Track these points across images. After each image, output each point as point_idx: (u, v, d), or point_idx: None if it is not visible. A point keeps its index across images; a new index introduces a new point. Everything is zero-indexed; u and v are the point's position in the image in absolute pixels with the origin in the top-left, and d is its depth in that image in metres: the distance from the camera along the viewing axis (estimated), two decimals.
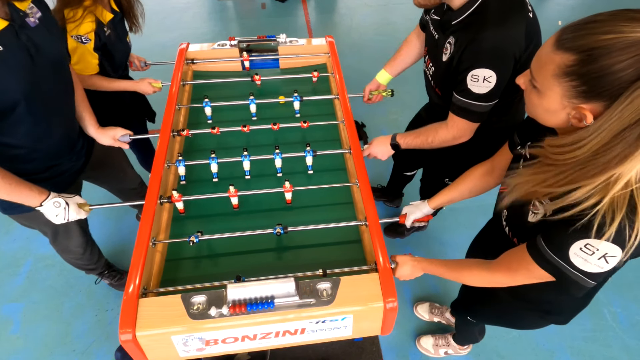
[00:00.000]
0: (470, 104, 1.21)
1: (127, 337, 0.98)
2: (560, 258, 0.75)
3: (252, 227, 1.26)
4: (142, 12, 1.74)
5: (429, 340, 1.84)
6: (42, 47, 1.14)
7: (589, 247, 0.70)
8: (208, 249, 1.27)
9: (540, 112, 0.76)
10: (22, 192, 1.15)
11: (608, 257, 0.70)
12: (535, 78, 0.71)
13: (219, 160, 1.41)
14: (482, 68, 1.12)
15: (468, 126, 1.28)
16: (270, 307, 1.01)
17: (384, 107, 3.10)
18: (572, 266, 0.75)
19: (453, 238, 2.21)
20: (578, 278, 0.76)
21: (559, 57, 0.65)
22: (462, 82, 1.18)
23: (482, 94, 1.17)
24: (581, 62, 0.63)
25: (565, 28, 0.66)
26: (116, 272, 2.02)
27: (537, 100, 0.74)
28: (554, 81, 0.67)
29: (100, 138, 1.47)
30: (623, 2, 4.57)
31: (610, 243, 0.68)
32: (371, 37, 3.98)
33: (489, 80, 1.13)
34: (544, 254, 0.78)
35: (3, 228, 2.29)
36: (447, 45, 1.25)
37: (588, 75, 0.62)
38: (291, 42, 1.90)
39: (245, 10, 4.47)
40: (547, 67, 0.68)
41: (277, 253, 1.27)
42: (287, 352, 1.79)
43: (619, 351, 1.87)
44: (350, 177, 1.47)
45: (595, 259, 0.71)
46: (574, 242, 0.72)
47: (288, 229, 1.23)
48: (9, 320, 1.94)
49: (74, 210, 1.24)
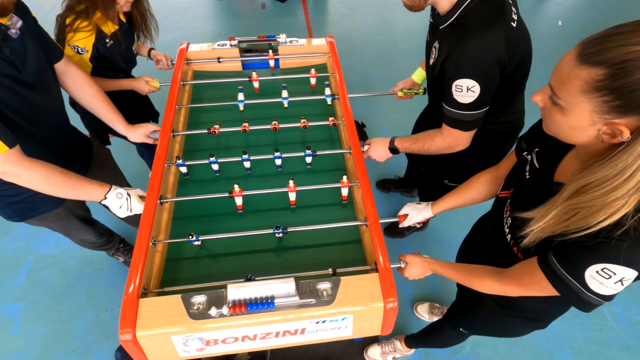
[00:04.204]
0: (460, 114, 1.21)
1: (127, 337, 0.98)
2: (576, 279, 0.73)
3: (252, 227, 1.26)
4: (156, 26, 1.77)
5: (376, 350, 1.82)
6: (27, 56, 1.13)
7: (606, 271, 0.69)
8: (208, 249, 1.27)
9: (564, 130, 0.72)
10: (86, 187, 1.18)
11: (625, 281, 0.69)
12: (558, 95, 0.68)
13: (219, 160, 1.41)
14: (464, 78, 1.13)
15: (462, 135, 1.29)
16: (271, 307, 1.01)
17: (384, 107, 3.10)
18: (587, 289, 0.73)
19: (453, 238, 2.21)
20: (592, 299, 0.74)
21: (585, 72, 0.62)
22: (448, 93, 1.19)
23: (469, 104, 1.17)
24: (613, 76, 0.60)
25: (588, 41, 0.63)
26: (130, 247, 2.06)
27: (561, 118, 0.70)
28: (582, 97, 0.64)
29: (131, 135, 1.49)
30: (623, 2, 4.57)
31: (627, 267, 0.67)
32: (371, 37, 3.98)
33: (473, 90, 1.14)
34: (557, 273, 0.76)
35: (3, 228, 2.29)
36: (433, 49, 1.26)
37: (622, 89, 0.59)
38: (291, 42, 1.90)
39: (245, 10, 4.47)
40: (572, 83, 0.64)
41: (277, 253, 1.27)
42: (287, 352, 1.79)
43: (619, 351, 1.87)
44: (351, 177, 1.47)
45: (611, 283, 0.70)
46: (591, 265, 0.70)
47: (288, 229, 1.23)
48: (9, 320, 1.94)
49: (137, 201, 1.26)
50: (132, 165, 1.93)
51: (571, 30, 4.09)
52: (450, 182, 1.69)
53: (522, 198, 0.95)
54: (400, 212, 1.38)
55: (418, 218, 1.34)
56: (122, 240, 2.07)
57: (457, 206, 1.27)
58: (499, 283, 0.94)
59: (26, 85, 1.13)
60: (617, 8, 4.48)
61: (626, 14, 4.36)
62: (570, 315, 1.13)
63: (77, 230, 1.63)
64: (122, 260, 2.10)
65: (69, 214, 1.53)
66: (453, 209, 1.28)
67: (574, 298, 0.77)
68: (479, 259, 1.16)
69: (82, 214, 1.62)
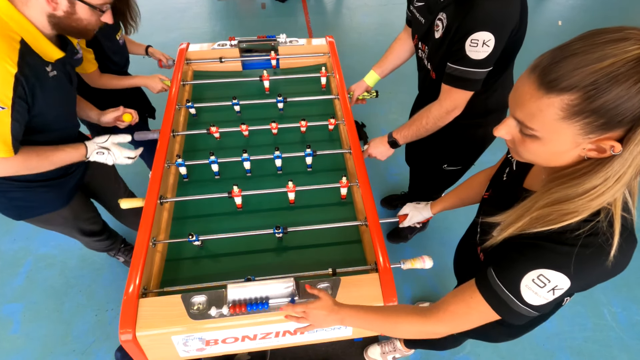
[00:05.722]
0: (468, 72, 1.19)
1: (127, 337, 0.98)
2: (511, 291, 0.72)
3: (252, 227, 1.26)
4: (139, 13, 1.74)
5: (376, 350, 1.82)
6: (73, 75, 1.29)
7: (542, 278, 0.68)
8: (208, 249, 1.27)
9: (544, 157, 0.69)
10: (62, 157, 1.26)
11: (557, 290, 0.68)
12: (531, 127, 0.65)
13: (219, 160, 1.41)
14: (482, 31, 1.11)
15: (463, 96, 1.26)
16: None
17: (384, 107, 3.10)
18: (521, 300, 0.71)
19: (454, 238, 2.20)
20: (523, 310, 0.72)
21: (558, 100, 0.60)
22: (459, 50, 1.17)
23: (480, 60, 1.16)
24: (589, 98, 0.58)
25: (544, 68, 0.61)
26: (130, 248, 2.07)
27: (539, 147, 0.67)
28: (561, 124, 0.62)
29: (104, 118, 1.51)
30: (623, 2, 4.57)
31: (562, 275, 0.66)
32: (371, 37, 3.98)
33: (488, 44, 1.12)
34: (493, 287, 0.74)
35: (3, 228, 2.29)
36: (438, 22, 1.24)
37: (603, 108, 0.58)
38: (291, 42, 1.90)
39: (245, 10, 4.47)
40: (545, 113, 0.62)
41: (277, 253, 1.27)
42: (287, 352, 1.79)
43: (619, 351, 1.87)
44: (351, 177, 1.47)
45: (544, 292, 0.69)
46: (529, 271, 0.69)
47: (288, 229, 1.23)
48: (9, 320, 1.94)
49: (117, 150, 1.35)
50: (131, 166, 1.91)
51: (571, 30, 4.09)
52: (449, 167, 1.68)
53: (493, 201, 0.95)
54: (399, 212, 1.38)
55: (418, 218, 1.33)
56: (123, 240, 2.07)
57: (456, 206, 1.27)
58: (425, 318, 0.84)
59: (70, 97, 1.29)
60: (617, 8, 4.48)
61: (625, 14, 4.36)
62: (570, 315, 1.13)
63: (83, 233, 1.65)
64: (122, 260, 2.10)
65: (76, 217, 1.55)
66: (452, 208, 1.28)
67: (506, 310, 0.74)
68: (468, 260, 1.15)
69: (88, 216, 1.63)
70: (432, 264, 1.19)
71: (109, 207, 1.83)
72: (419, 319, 0.85)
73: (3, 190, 1.30)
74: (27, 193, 1.33)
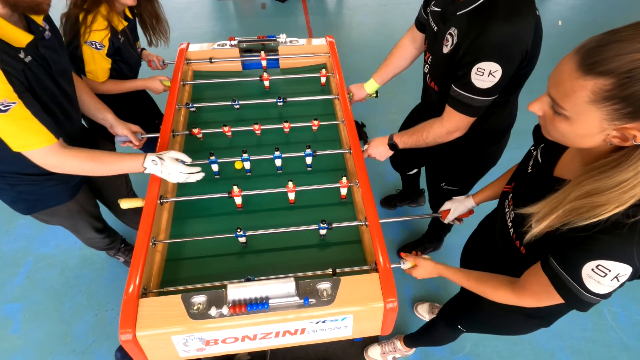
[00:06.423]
0: (472, 99, 1.18)
1: (127, 337, 0.98)
2: (574, 280, 0.74)
3: (252, 227, 1.26)
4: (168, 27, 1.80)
5: (376, 350, 1.82)
6: (56, 57, 1.20)
7: (601, 268, 0.70)
8: (208, 249, 1.27)
9: (570, 137, 0.72)
10: (119, 164, 1.23)
11: (620, 277, 0.70)
12: (562, 106, 0.67)
13: (219, 160, 1.41)
14: (489, 61, 1.09)
15: (464, 121, 1.26)
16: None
17: (384, 107, 3.10)
18: (585, 289, 0.74)
19: (454, 238, 2.21)
20: (590, 299, 0.75)
21: (592, 83, 0.62)
22: (465, 76, 1.15)
23: (485, 89, 1.14)
24: (622, 85, 0.60)
25: (587, 50, 0.63)
26: (130, 247, 2.07)
27: (567, 127, 0.70)
28: (590, 107, 0.64)
29: (118, 127, 1.51)
30: (622, 2, 4.57)
31: (621, 263, 0.68)
32: (371, 37, 3.98)
33: (494, 74, 1.10)
34: (559, 275, 0.77)
35: (3, 228, 2.29)
36: (448, 37, 1.21)
37: (633, 97, 0.60)
38: (291, 42, 1.90)
39: (245, 10, 4.47)
40: (577, 94, 0.64)
41: (277, 253, 1.27)
42: (287, 352, 1.79)
43: (619, 351, 1.87)
44: (351, 177, 1.47)
45: (608, 280, 0.71)
46: (586, 262, 0.71)
47: (287, 229, 1.23)
48: (9, 320, 1.94)
49: (171, 163, 1.25)
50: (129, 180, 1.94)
51: (571, 30, 4.09)
52: (447, 186, 1.68)
53: (522, 193, 0.95)
54: (442, 208, 1.38)
55: (461, 209, 1.33)
56: (123, 240, 2.07)
57: (498, 195, 1.23)
58: (513, 294, 0.92)
59: (55, 83, 1.21)
60: (617, 8, 4.48)
61: (625, 14, 4.35)
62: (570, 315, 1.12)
63: (86, 227, 1.65)
64: (122, 260, 2.10)
65: (81, 210, 1.55)
66: (495, 199, 1.25)
67: (574, 300, 0.77)
68: (484, 256, 1.15)
69: (93, 210, 1.64)
70: None
71: (110, 203, 1.83)
72: (509, 294, 0.93)
73: (12, 184, 1.31)
74: (35, 187, 1.34)
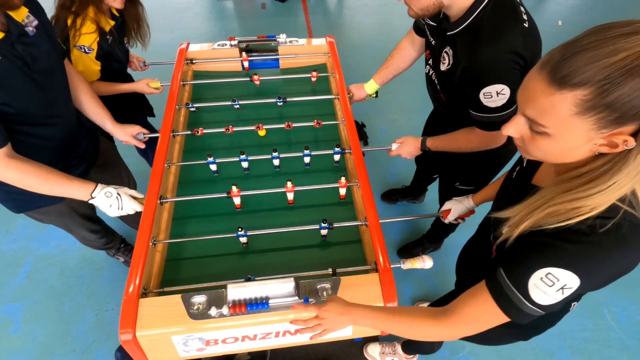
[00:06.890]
0: (493, 117, 1.18)
1: (127, 337, 0.98)
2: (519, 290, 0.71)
3: (252, 226, 1.26)
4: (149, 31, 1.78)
5: (376, 348, 1.82)
6: (39, 55, 1.15)
7: (550, 277, 0.67)
8: (208, 249, 1.27)
9: (555, 154, 0.69)
10: (65, 187, 1.17)
11: (566, 289, 0.67)
12: (543, 124, 0.65)
13: (217, 160, 1.41)
14: (491, 85, 1.11)
15: (498, 133, 1.26)
16: None
17: (384, 107, 3.10)
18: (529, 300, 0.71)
19: (453, 238, 2.21)
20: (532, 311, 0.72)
21: (571, 95, 0.60)
22: (477, 103, 1.17)
23: (501, 106, 1.15)
24: (603, 92, 0.58)
25: (555, 65, 0.61)
26: (130, 247, 2.06)
27: (550, 144, 0.67)
28: (575, 119, 0.61)
29: (118, 134, 1.49)
30: (622, 2, 4.57)
31: (572, 273, 0.66)
32: (371, 37, 3.98)
33: (503, 92, 1.11)
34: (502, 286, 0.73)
35: (3, 228, 2.29)
36: (445, 55, 1.24)
37: (617, 102, 0.58)
38: (291, 42, 1.90)
39: (245, 10, 4.47)
40: (558, 108, 0.61)
41: (277, 253, 1.27)
42: (287, 352, 1.79)
43: (619, 351, 1.87)
44: (350, 177, 1.47)
45: (553, 291, 0.68)
46: (537, 269, 0.68)
47: (288, 229, 1.23)
48: (9, 320, 1.94)
49: (127, 199, 1.23)
50: (132, 165, 1.93)
51: (571, 30, 4.09)
52: (461, 185, 1.68)
53: (503, 197, 0.95)
54: (442, 208, 1.39)
55: (461, 210, 1.33)
56: (123, 240, 2.07)
57: None
58: (438, 323, 0.83)
59: (35, 82, 1.16)
60: (617, 8, 4.48)
61: (625, 15, 4.35)
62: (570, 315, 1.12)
63: (79, 228, 1.64)
64: (122, 260, 2.10)
65: (72, 211, 1.54)
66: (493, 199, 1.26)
67: (514, 312, 0.74)
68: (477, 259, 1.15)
69: (86, 211, 1.63)
70: (432, 264, 1.19)
71: None
72: (433, 322, 0.83)
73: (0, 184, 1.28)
74: None
